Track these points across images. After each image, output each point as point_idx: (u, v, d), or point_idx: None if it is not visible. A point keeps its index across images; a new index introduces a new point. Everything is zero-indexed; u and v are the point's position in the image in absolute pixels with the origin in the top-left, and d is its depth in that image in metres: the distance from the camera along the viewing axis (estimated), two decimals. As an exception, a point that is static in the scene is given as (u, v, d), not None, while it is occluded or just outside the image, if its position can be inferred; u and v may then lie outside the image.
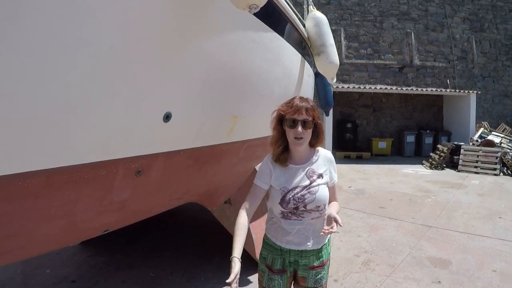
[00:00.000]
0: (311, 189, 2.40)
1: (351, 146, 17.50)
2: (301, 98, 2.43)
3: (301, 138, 2.36)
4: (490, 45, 19.77)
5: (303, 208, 2.39)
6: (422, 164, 14.99)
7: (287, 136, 2.41)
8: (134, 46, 1.96)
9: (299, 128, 2.33)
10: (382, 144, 17.64)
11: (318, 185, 2.43)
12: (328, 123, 16.07)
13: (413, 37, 19.02)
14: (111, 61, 1.88)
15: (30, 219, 2.03)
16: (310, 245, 2.47)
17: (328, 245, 2.64)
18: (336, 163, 2.65)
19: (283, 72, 4.15)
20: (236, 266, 2.09)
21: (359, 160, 16.58)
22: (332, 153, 12.11)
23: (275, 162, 2.49)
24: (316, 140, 2.52)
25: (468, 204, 8.79)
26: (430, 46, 19.22)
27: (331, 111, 13.27)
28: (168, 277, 4.80)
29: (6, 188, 1.74)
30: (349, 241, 6.21)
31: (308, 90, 5.85)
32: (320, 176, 2.48)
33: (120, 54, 1.91)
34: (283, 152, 2.46)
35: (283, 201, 2.39)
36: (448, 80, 19.09)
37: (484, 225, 7.08)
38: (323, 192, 2.43)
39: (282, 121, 2.42)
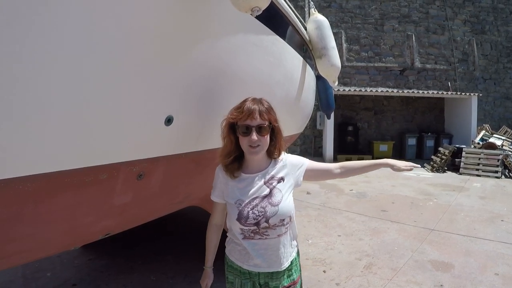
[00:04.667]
0: (272, 199, 2.12)
1: (353, 149, 17.48)
2: (254, 100, 2.17)
3: (257, 146, 2.09)
4: (491, 47, 19.74)
5: (265, 224, 2.10)
6: (424, 167, 14.95)
7: (241, 145, 2.15)
8: (135, 50, 1.95)
9: (254, 136, 2.06)
10: (384, 147, 17.61)
11: (282, 194, 2.15)
12: (329, 126, 16.13)
13: (414, 40, 19.02)
14: (112, 64, 1.86)
15: (30, 224, 2.01)
16: (281, 265, 2.21)
17: (298, 260, 2.40)
18: None
19: (285, 76, 4.13)
20: (206, 275, 2.50)
21: (361, 163, 16.49)
22: (334, 156, 12.08)
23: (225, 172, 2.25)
24: (273, 147, 2.23)
25: (470, 207, 8.77)
26: (431, 48, 19.21)
27: (332, 114, 13.27)
28: (169, 280, 4.79)
29: (6, 193, 1.73)
30: (350, 244, 6.19)
31: (309, 93, 5.84)
32: (281, 179, 2.20)
33: (121, 57, 1.89)
34: (232, 163, 2.21)
35: (240, 217, 2.11)
36: (449, 83, 19.08)
37: (486, 228, 7.06)
38: (287, 203, 2.15)
39: (235, 129, 2.16)
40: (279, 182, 2.19)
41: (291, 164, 2.31)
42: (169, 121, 2.37)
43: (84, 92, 1.80)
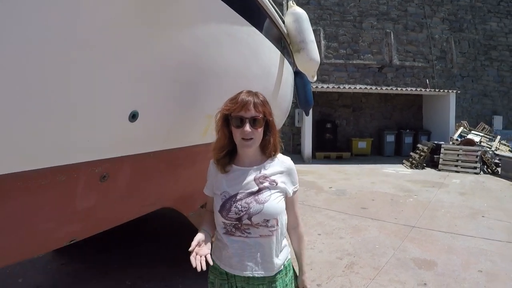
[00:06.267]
0: (259, 196, 2.03)
1: (331, 146, 17.50)
2: (249, 92, 2.10)
3: (251, 138, 2.02)
4: (469, 45, 20.01)
5: (247, 221, 2.00)
6: (403, 163, 15.04)
7: (234, 137, 2.08)
8: (94, 37, 1.76)
9: (247, 127, 1.99)
10: (362, 144, 17.71)
11: (270, 193, 2.05)
12: (307, 124, 16.09)
13: (392, 37, 19.15)
14: (68, 53, 1.67)
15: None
16: (257, 272, 2.06)
17: (286, 274, 2.20)
18: (316, 164, 2.39)
19: (262, 70, 3.99)
20: (198, 235, 2.03)
21: (339, 160, 16.58)
22: (312, 153, 12.08)
23: (216, 166, 2.18)
24: (268, 142, 2.14)
25: (450, 204, 8.79)
26: (410, 46, 19.39)
27: (310, 111, 13.22)
28: (145, 285, 4.63)
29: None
30: (331, 243, 6.09)
31: (287, 89, 5.72)
32: (273, 182, 2.09)
33: (79, 45, 1.70)
34: (224, 157, 2.14)
35: (223, 209, 2.04)
36: (427, 80, 19.26)
37: (467, 225, 7.06)
38: (274, 203, 2.04)
39: (228, 122, 2.08)
40: (270, 183, 2.08)
41: (289, 175, 2.20)
42: (133, 117, 2.17)
43: (35, 84, 1.60)
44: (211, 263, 1.87)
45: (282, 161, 2.19)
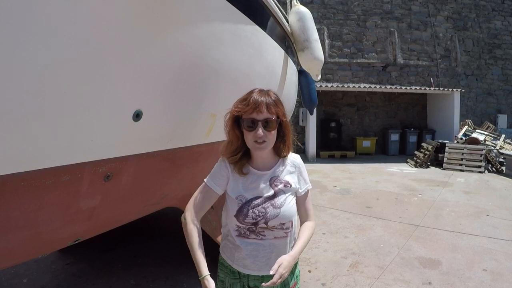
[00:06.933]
0: (275, 201, 2.01)
1: (335, 145, 17.47)
2: (261, 91, 2.01)
3: (263, 142, 1.95)
4: (473, 44, 19.91)
5: (263, 225, 1.99)
6: (407, 162, 15.00)
7: (245, 140, 2.00)
8: (98, 36, 1.76)
9: (260, 131, 1.92)
10: (367, 143, 17.65)
11: (285, 197, 2.04)
12: (312, 123, 16.05)
13: (396, 36, 19.08)
14: (72, 53, 1.67)
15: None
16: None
17: (296, 267, 2.21)
18: (320, 163, 2.37)
19: (266, 68, 3.98)
20: (211, 285, 1.89)
21: (344, 159, 16.53)
22: (316, 152, 12.03)
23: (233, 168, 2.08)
24: (282, 143, 2.09)
25: (455, 202, 8.75)
26: (414, 44, 19.30)
27: (315, 110, 13.19)
28: (149, 284, 4.63)
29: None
30: (336, 242, 6.07)
31: (291, 87, 5.72)
32: (287, 184, 2.08)
33: (82, 45, 1.71)
34: (241, 159, 2.05)
35: (239, 214, 1.98)
36: (431, 79, 19.19)
37: (472, 223, 7.03)
38: (289, 206, 2.04)
39: (239, 123, 2.00)
40: (285, 186, 2.08)
41: (300, 173, 2.21)
42: (137, 116, 2.17)
43: (37, 83, 1.60)
44: None
45: (292, 160, 2.18)
